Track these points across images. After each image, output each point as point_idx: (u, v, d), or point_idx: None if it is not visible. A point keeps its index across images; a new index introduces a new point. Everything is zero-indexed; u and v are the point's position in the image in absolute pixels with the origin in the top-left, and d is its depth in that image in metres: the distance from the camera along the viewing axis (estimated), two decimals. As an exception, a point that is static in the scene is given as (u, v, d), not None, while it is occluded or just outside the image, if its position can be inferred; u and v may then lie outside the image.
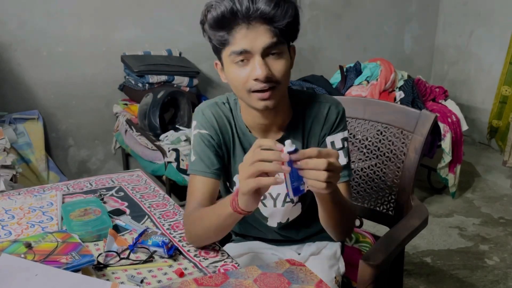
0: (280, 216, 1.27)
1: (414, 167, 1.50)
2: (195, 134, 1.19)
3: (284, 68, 1.07)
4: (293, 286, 0.98)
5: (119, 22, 3.10)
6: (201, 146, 1.17)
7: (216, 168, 1.17)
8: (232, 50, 1.04)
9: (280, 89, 1.08)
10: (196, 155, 1.18)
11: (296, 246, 1.33)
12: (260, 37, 1.02)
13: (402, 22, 4.25)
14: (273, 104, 1.08)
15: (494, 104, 3.90)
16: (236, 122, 1.20)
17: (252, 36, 1.02)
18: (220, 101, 1.22)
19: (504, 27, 3.83)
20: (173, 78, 2.99)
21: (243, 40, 1.02)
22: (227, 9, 1.01)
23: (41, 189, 1.42)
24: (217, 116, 1.19)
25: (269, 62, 1.05)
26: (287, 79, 1.09)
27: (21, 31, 2.84)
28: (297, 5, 1.07)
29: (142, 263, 1.04)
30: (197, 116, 1.20)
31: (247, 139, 1.20)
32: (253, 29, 1.02)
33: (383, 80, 3.03)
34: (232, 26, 1.02)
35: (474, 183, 3.45)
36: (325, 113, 1.18)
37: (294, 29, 1.08)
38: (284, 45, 1.07)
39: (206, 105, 1.21)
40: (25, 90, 2.92)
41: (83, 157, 3.20)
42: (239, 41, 1.03)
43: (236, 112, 1.20)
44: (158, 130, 2.58)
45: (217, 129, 1.18)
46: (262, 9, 1.00)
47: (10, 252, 0.98)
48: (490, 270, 2.41)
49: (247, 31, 1.02)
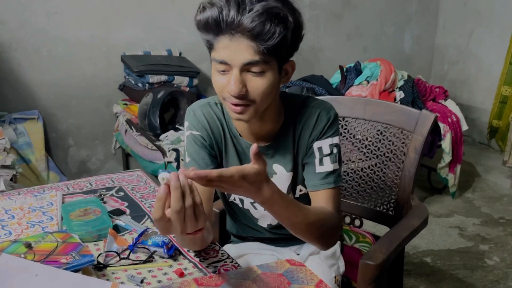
0: (270, 218, 1.26)
1: (414, 167, 1.50)
2: (188, 135, 1.17)
3: (264, 88, 1.01)
4: (293, 286, 0.98)
5: (119, 22, 3.10)
6: (195, 147, 1.16)
7: (211, 169, 1.15)
8: (214, 57, 1.02)
9: (256, 107, 1.03)
10: (190, 157, 1.16)
11: (295, 247, 1.33)
12: (241, 52, 0.97)
13: (402, 22, 4.25)
14: (247, 118, 1.05)
15: (494, 104, 3.90)
16: (229, 125, 1.18)
17: (234, 48, 0.97)
18: (212, 102, 1.19)
19: (504, 27, 3.83)
20: (173, 78, 2.99)
21: (224, 50, 0.98)
22: (213, 16, 0.96)
23: (41, 189, 1.42)
24: (208, 117, 1.17)
25: (248, 78, 1.00)
26: (265, 98, 1.03)
27: (21, 31, 2.84)
28: (295, 26, 0.99)
29: (142, 263, 1.04)
30: (188, 117, 1.18)
31: (239, 142, 1.18)
32: (236, 41, 0.97)
33: (383, 80, 3.03)
34: (217, 33, 0.98)
35: (474, 183, 3.45)
36: (315, 118, 1.14)
37: (287, 48, 1.01)
38: (268, 65, 1.00)
39: (198, 106, 1.18)
40: (25, 90, 2.93)
41: (83, 157, 3.20)
42: (220, 51, 0.99)
43: (228, 115, 1.17)
44: (158, 130, 2.58)
45: (208, 130, 1.16)
46: (245, 24, 0.94)
47: (10, 252, 0.98)
48: (490, 270, 2.41)
49: (229, 42, 0.97)
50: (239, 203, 1.25)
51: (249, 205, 1.24)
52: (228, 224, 1.41)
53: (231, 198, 1.25)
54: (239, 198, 1.24)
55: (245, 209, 1.26)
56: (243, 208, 1.26)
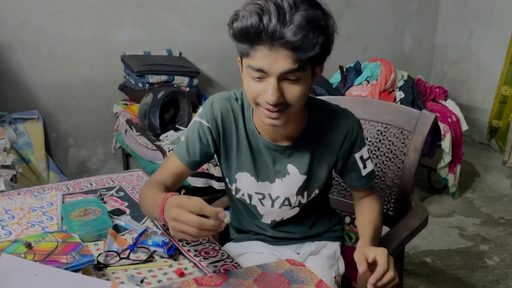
0: (275, 215, 1.28)
1: (414, 167, 1.50)
2: (196, 120, 1.20)
3: (300, 94, 1.02)
4: (293, 286, 0.98)
5: (119, 22, 3.10)
6: (195, 134, 1.19)
7: (194, 160, 1.20)
8: (250, 64, 1.00)
9: (291, 111, 1.05)
10: (185, 139, 1.20)
11: (295, 246, 1.33)
12: (280, 61, 0.97)
13: (402, 22, 4.25)
14: (280, 123, 1.06)
15: (494, 104, 3.90)
16: (246, 121, 1.19)
17: (273, 58, 0.97)
18: (233, 97, 1.20)
19: (504, 27, 3.83)
20: (173, 78, 2.99)
21: (262, 59, 0.97)
22: (253, 25, 0.95)
23: (41, 189, 1.42)
24: (224, 111, 1.18)
25: (284, 86, 1.01)
26: (301, 102, 1.05)
27: (21, 31, 2.84)
28: (332, 31, 1.02)
29: (142, 263, 1.04)
30: (205, 106, 1.20)
31: (256, 139, 1.19)
32: (275, 51, 0.96)
33: (383, 80, 3.03)
34: (255, 43, 0.97)
35: (474, 183, 3.45)
36: (347, 129, 1.18)
37: (322, 56, 1.03)
38: (305, 71, 1.01)
39: (218, 98, 1.20)
40: (25, 90, 2.93)
41: (83, 157, 3.20)
42: (258, 59, 0.98)
43: (248, 112, 1.19)
44: (158, 130, 2.58)
45: (220, 124, 1.18)
46: (288, 38, 0.94)
47: (10, 252, 0.98)
48: (490, 270, 2.41)
49: (268, 52, 0.96)
50: (247, 198, 1.26)
51: (257, 201, 1.25)
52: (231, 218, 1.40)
53: (239, 194, 1.26)
54: (247, 194, 1.24)
55: (252, 205, 1.27)
56: (250, 204, 1.27)
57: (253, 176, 1.21)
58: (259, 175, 1.21)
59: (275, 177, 1.21)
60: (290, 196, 1.23)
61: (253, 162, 1.20)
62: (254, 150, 1.20)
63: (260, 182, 1.22)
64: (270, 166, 1.21)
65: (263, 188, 1.23)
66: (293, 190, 1.22)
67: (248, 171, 1.21)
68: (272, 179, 1.22)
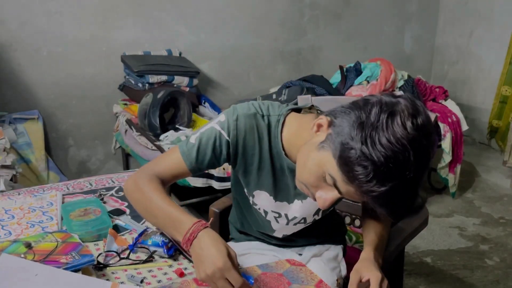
0: (288, 231, 1.27)
1: (414, 167, 1.49)
2: (216, 129, 1.11)
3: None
4: (293, 286, 0.98)
5: (119, 22, 3.10)
6: (209, 142, 1.11)
7: (199, 166, 1.13)
8: (333, 175, 0.93)
9: None
10: (197, 143, 1.12)
11: (298, 248, 1.33)
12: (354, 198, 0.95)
13: (402, 22, 4.25)
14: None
15: (494, 104, 3.90)
16: (272, 140, 1.13)
17: (352, 194, 0.94)
18: (260, 113, 1.13)
19: (504, 27, 3.83)
20: (173, 78, 2.99)
21: (344, 191, 0.94)
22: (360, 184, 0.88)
23: (41, 189, 1.42)
24: (249, 129, 1.11)
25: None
26: None
27: (21, 31, 2.84)
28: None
29: (142, 263, 1.04)
30: (229, 116, 1.12)
31: (280, 160, 1.14)
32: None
33: (383, 80, 3.03)
34: (366, 193, 0.90)
35: (474, 183, 3.45)
36: None
37: None
38: None
39: (244, 114, 1.11)
40: (25, 90, 2.93)
41: (83, 157, 3.20)
42: (341, 188, 0.93)
43: (275, 131, 1.12)
44: (158, 130, 2.58)
45: (241, 142, 1.12)
46: (392, 216, 0.95)
47: (10, 252, 0.98)
48: (490, 270, 2.41)
49: (354, 193, 0.92)
50: (262, 213, 1.23)
51: (272, 218, 1.23)
52: (233, 218, 1.38)
53: (255, 207, 1.23)
54: (263, 210, 1.22)
55: (266, 219, 1.24)
56: (265, 219, 1.24)
57: (271, 196, 1.18)
58: (278, 195, 1.18)
59: (295, 198, 1.19)
60: (307, 216, 1.22)
61: (274, 182, 1.16)
62: (277, 170, 1.16)
63: (278, 202, 1.20)
64: (291, 188, 1.17)
65: (280, 208, 1.21)
66: (312, 211, 1.21)
67: (267, 191, 1.18)
68: (291, 200, 1.19)
